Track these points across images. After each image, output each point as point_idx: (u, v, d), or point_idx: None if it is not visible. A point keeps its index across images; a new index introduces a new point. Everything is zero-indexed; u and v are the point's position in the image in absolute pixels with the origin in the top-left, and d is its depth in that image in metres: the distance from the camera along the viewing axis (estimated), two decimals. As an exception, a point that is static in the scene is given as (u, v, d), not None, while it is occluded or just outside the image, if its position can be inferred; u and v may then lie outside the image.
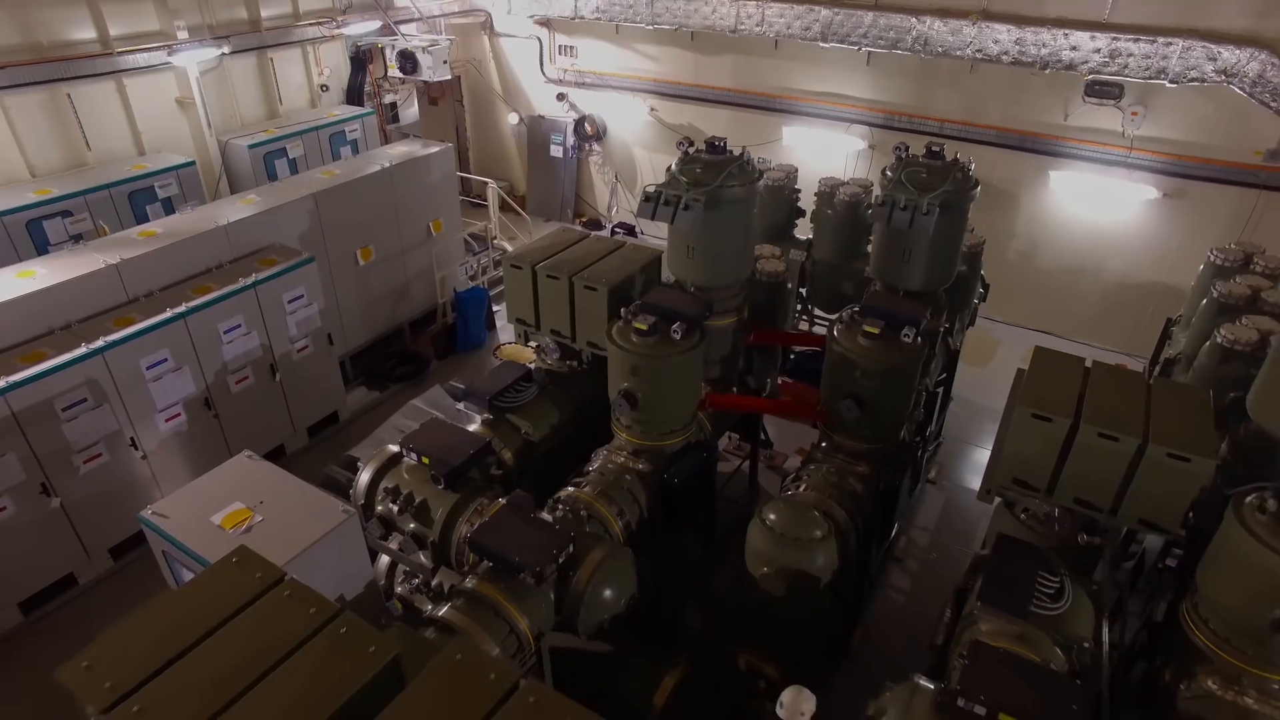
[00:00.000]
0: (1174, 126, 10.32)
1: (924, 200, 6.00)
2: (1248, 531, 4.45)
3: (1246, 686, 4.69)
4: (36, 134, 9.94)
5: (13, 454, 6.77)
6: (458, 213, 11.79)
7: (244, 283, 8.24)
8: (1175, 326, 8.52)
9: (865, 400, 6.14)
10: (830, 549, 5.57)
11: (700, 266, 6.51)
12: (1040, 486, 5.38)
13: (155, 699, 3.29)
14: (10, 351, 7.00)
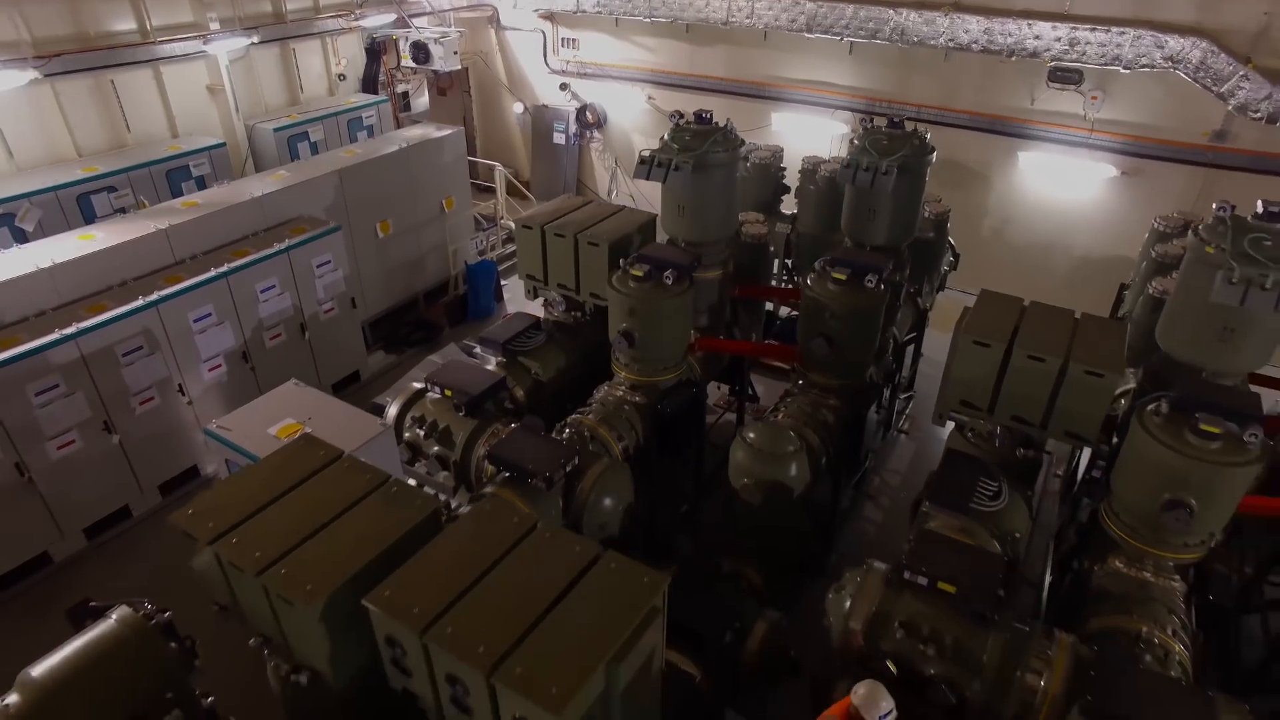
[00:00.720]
0: (1130, 109, 11.18)
1: (883, 162, 6.87)
2: (1146, 432, 5.30)
3: (1146, 564, 5.55)
4: (83, 117, 10.80)
5: (81, 393, 7.63)
6: (468, 191, 12.67)
7: (278, 247, 9.11)
8: (1128, 289, 9.39)
9: (834, 339, 7.00)
10: (802, 462, 6.43)
11: (689, 223, 7.37)
12: (983, 406, 6.24)
13: (248, 534, 4.16)
14: (76, 304, 7.86)
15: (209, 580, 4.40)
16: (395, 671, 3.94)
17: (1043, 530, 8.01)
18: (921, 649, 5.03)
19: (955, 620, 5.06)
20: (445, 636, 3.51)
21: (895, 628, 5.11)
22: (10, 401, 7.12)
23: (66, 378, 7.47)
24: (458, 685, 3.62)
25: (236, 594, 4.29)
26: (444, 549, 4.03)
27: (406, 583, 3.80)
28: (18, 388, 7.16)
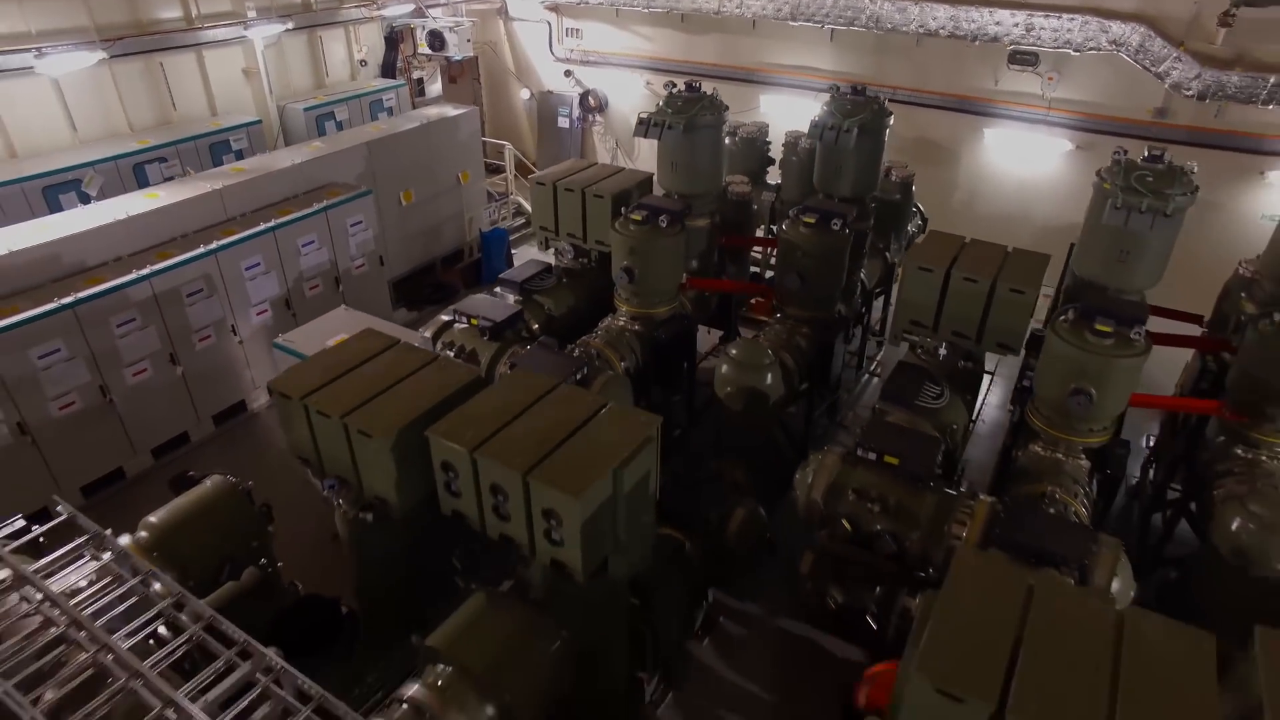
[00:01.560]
0: (1082, 89, 12.34)
1: (846, 122, 8.03)
2: (1056, 336, 6.44)
3: (1060, 448, 6.69)
4: (135, 96, 11.94)
5: (153, 327, 8.77)
6: (481, 165, 13.82)
7: (317, 207, 10.25)
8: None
9: (805, 275, 8.15)
10: (776, 373, 7.57)
11: (681, 177, 8.53)
12: (928, 325, 7.39)
13: (330, 393, 5.30)
14: (147, 251, 9.00)
15: (293, 434, 5.54)
16: (447, 496, 5.08)
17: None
18: (870, 509, 6.19)
19: (898, 486, 6.21)
20: (490, 452, 4.65)
21: (849, 494, 6.26)
22: (96, 331, 8.27)
23: (141, 313, 8.62)
24: (499, 494, 4.74)
25: (319, 443, 5.42)
26: (484, 401, 5.17)
27: (457, 422, 4.93)
28: (103, 319, 8.31)
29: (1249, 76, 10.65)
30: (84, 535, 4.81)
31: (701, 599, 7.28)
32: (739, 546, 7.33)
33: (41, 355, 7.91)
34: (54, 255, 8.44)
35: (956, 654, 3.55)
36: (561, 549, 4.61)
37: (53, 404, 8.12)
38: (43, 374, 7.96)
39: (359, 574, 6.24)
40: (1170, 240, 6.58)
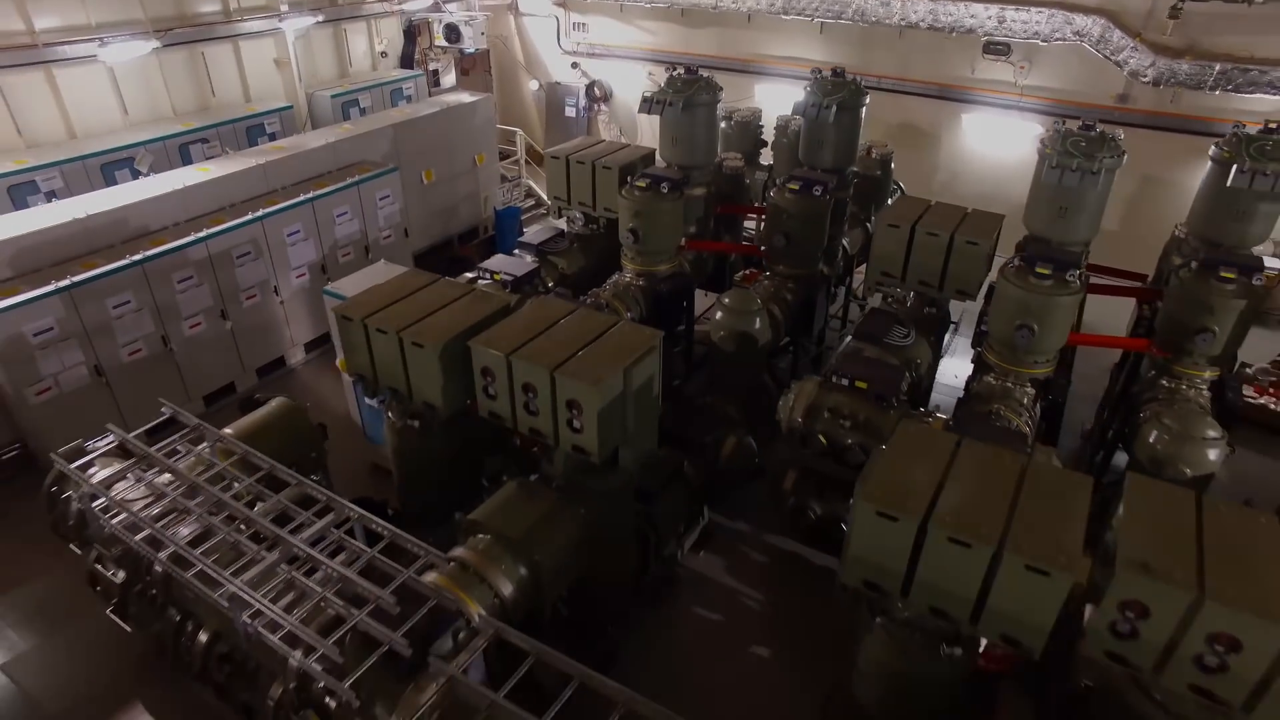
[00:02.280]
0: (1051, 77, 13.37)
1: (825, 100, 9.06)
2: (1005, 280, 7.46)
3: (1009, 378, 7.71)
4: (179, 82, 12.98)
5: (207, 285, 9.80)
6: (496, 149, 14.86)
7: (350, 181, 11.29)
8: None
9: (790, 235, 9.18)
10: (764, 319, 8.59)
11: (680, 150, 9.56)
12: (897, 275, 8.41)
13: (386, 315, 6.32)
14: (201, 218, 10.03)
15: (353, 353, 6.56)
16: (485, 399, 6.10)
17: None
18: (842, 425, 7.23)
19: (867, 405, 7.25)
20: (522, 355, 5.68)
21: (825, 413, 7.30)
22: (160, 286, 9.30)
23: (198, 271, 9.65)
24: (530, 392, 5.77)
25: (375, 358, 6.44)
26: (514, 321, 6.20)
27: (494, 334, 5.96)
28: (166, 275, 9.34)
29: (1197, 64, 11.69)
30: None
31: (698, 515, 8.33)
32: (730, 469, 8.39)
33: (115, 306, 8.95)
34: (123, 219, 9.47)
35: (892, 487, 4.59)
36: (581, 435, 5.64)
37: (124, 350, 9.15)
38: (116, 323, 9.00)
39: (402, 478, 7.27)
40: (1101, 197, 7.60)
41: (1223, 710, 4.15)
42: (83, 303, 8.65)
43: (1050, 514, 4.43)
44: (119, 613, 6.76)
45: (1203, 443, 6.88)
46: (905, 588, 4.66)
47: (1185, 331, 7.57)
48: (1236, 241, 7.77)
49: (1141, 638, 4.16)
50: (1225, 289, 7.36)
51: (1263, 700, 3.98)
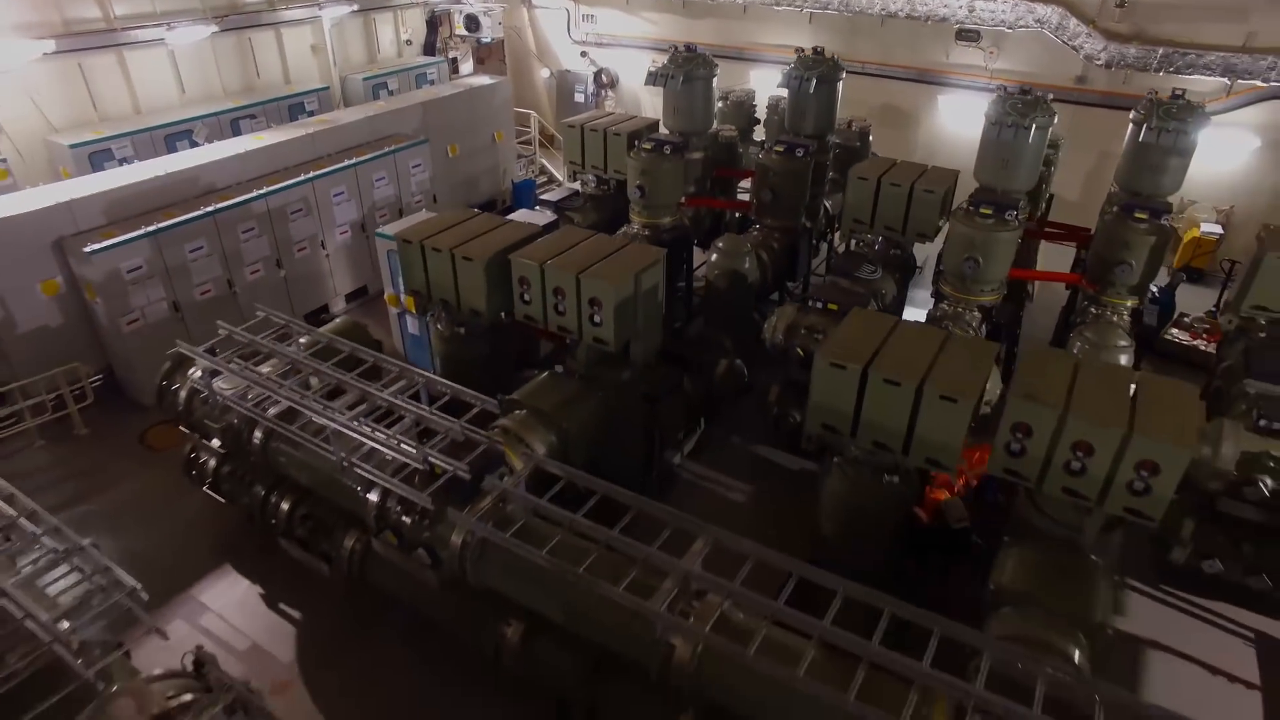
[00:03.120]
0: (1017, 61, 14.74)
1: (806, 74, 10.46)
2: (955, 220, 8.84)
3: (959, 305, 9.07)
4: (228, 64, 14.39)
5: (265, 236, 11.19)
6: (513, 127, 16.26)
7: (387, 149, 12.68)
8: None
9: (775, 191, 10.56)
10: (753, 261, 9.97)
11: (680, 119, 10.95)
12: (866, 222, 9.78)
13: (439, 237, 7.71)
14: (260, 178, 11.40)
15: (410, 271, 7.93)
16: (520, 304, 7.48)
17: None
18: (816, 340, 8.57)
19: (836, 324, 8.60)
20: (553, 264, 7.06)
21: (802, 330, 8.65)
22: (227, 236, 10.68)
23: (259, 224, 11.04)
24: (559, 294, 7.14)
25: (429, 274, 7.81)
26: (544, 242, 7.59)
27: (529, 250, 7.35)
28: (232, 227, 10.72)
29: (1144, 49, 13.06)
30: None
31: (696, 425, 9.71)
32: (723, 387, 9.75)
33: (191, 250, 10.33)
34: (195, 177, 10.86)
35: (843, 347, 5.97)
36: (600, 328, 7.02)
37: (196, 289, 10.53)
38: (191, 265, 10.38)
39: (449, 377, 8.63)
40: (1036, 150, 8.96)
41: (1086, 506, 5.53)
42: (166, 246, 10.03)
43: (961, 365, 5.81)
44: (215, 488, 8.16)
45: (1115, 349, 8.26)
46: (854, 429, 6.04)
47: (1108, 265, 8.95)
48: (1152, 190, 9.12)
49: (1028, 454, 5.54)
50: (1139, 228, 8.75)
51: (1109, 494, 5.36)
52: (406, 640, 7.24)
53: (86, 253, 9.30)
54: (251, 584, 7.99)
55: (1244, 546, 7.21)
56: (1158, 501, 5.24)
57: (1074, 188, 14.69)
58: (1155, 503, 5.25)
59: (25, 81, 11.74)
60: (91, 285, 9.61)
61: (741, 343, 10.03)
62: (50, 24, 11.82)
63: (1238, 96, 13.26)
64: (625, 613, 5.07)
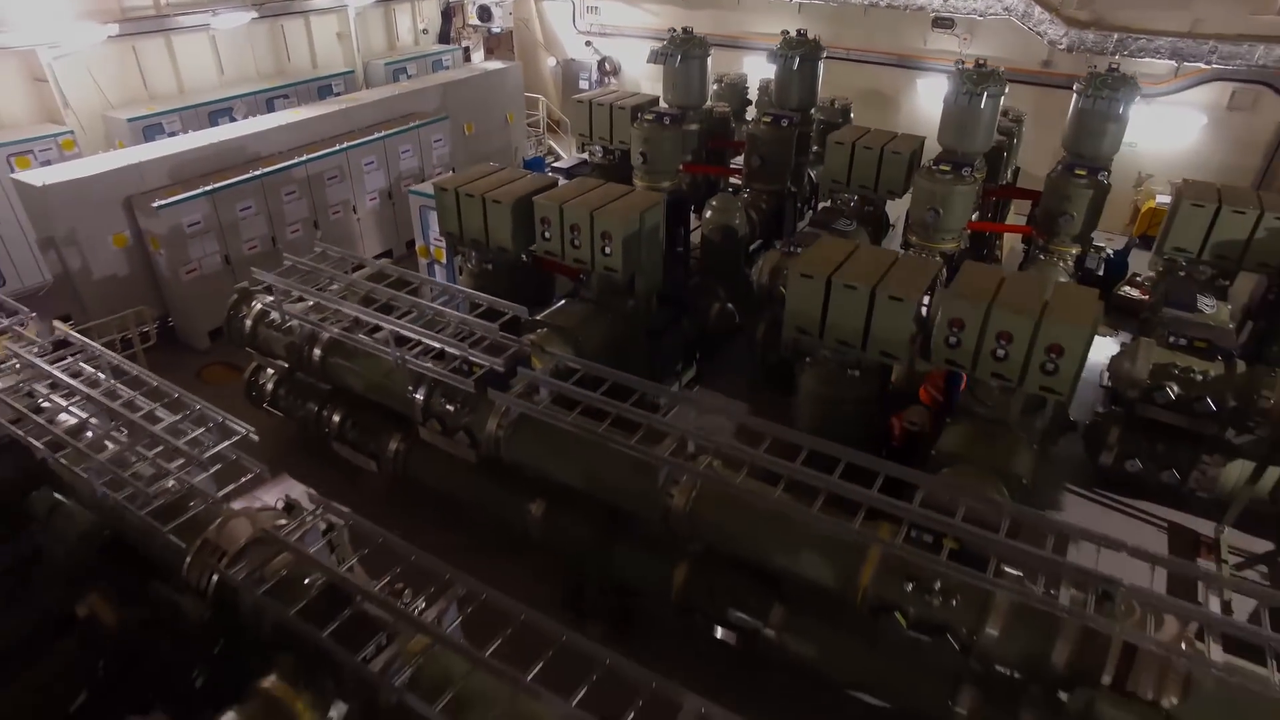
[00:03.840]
0: (988, 46, 15.99)
1: (789, 52, 11.73)
2: (919, 177, 10.10)
3: (924, 253, 10.32)
4: (262, 49, 15.66)
5: (305, 199, 12.43)
6: (523, 109, 17.52)
7: (412, 124, 13.94)
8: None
9: (764, 156, 11.82)
10: (743, 217, 11.22)
11: (678, 94, 12.21)
12: (843, 182, 11.02)
13: (474, 184, 8.95)
14: (300, 148, 12.64)
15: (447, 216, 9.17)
16: (542, 242, 8.72)
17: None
18: (796, 282, 9.82)
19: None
20: (570, 204, 8.31)
21: (784, 272, 9.89)
22: (273, 197, 11.93)
23: (299, 188, 12.29)
24: (574, 231, 8.38)
25: (463, 217, 9.05)
26: (561, 189, 8.83)
27: (549, 194, 8.59)
28: (276, 190, 11.97)
29: (1100, 34, 14.33)
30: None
31: (692, 359, 10.95)
32: (716, 327, 11.00)
33: (241, 209, 11.58)
34: (243, 146, 12.10)
35: (812, 263, 7.22)
36: (610, 258, 8.27)
37: (245, 244, 11.78)
38: (241, 223, 11.63)
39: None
40: (990, 116, 10.23)
41: (1009, 387, 6.78)
42: (220, 205, 11.27)
43: (908, 274, 7.07)
44: (273, 405, 9.39)
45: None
46: (821, 331, 7.29)
47: (1054, 217, 10.22)
48: (1092, 153, 10.38)
49: (962, 345, 6.79)
50: (1079, 184, 10.04)
51: (1027, 375, 6.61)
52: (440, 527, 8.46)
53: (155, 207, 10.54)
54: (306, 487, 9.21)
55: (1158, 446, 8.47)
56: (1064, 380, 6.49)
57: (1038, 163, 15.85)
58: (1063, 381, 6.50)
59: (87, 62, 12.98)
60: (156, 238, 10.86)
61: (733, 291, 11.28)
62: (111, 10, 13.07)
63: (1185, 79, 14.56)
64: (633, 469, 6.32)
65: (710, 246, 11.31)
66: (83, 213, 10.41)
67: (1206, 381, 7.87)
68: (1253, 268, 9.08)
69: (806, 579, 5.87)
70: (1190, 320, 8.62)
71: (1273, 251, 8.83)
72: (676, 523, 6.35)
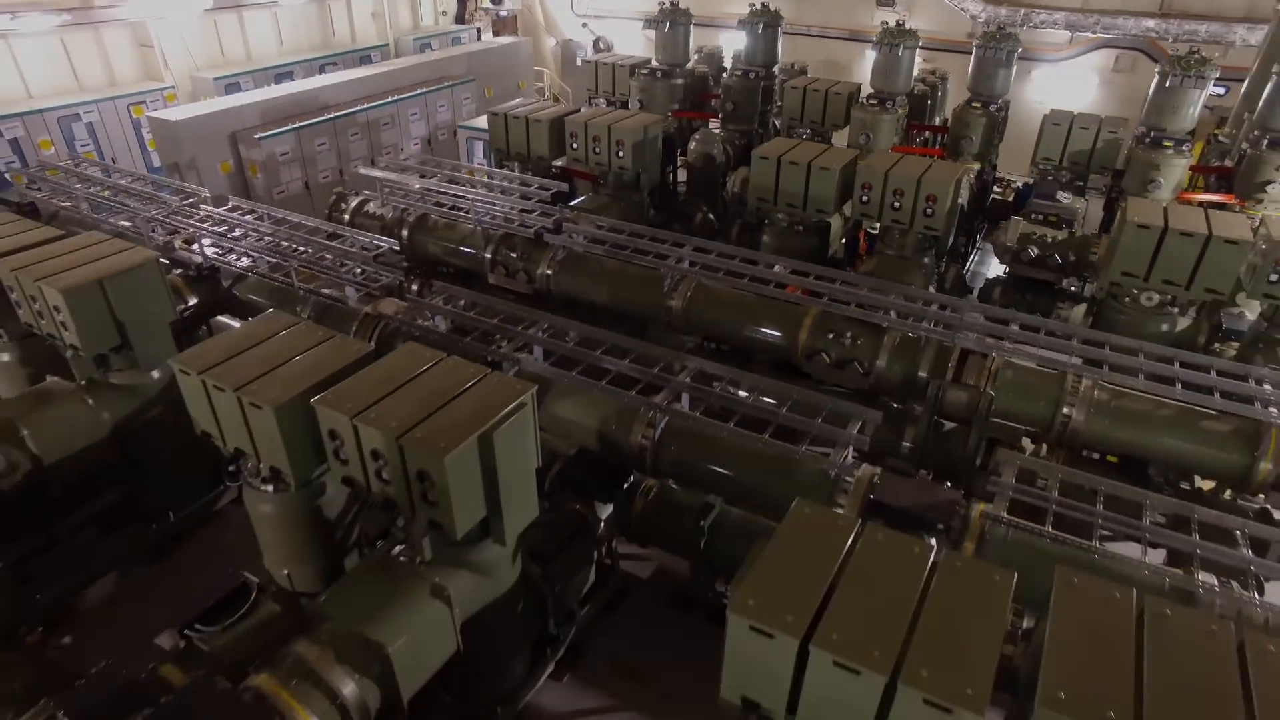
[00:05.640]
0: (924, 21, 19.15)
1: (755, 19, 14.79)
2: (854, 111, 13.16)
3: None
4: (310, 25, 18.48)
5: (365, 140, 15.29)
6: (533, 79, 20.47)
7: (447, 83, 16.85)
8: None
9: (736, 103, 14.85)
10: (720, 148, 14.22)
11: (666, 54, 15.21)
12: (799, 117, 14.05)
13: (519, 112, 11.90)
14: (360, 99, 15.50)
15: (495, 135, 12.10)
16: (570, 151, 11.65)
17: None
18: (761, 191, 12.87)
19: (775, 179, 12.90)
20: (595, 122, 11.25)
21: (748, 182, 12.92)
22: (341, 137, 14.79)
23: (361, 130, 15.15)
24: (596, 140, 11.33)
25: (510, 135, 11.96)
26: (585, 113, 11.79)
27: (579, 116, 11.52)
28: (343, 131, 14.83)
29: (1011, 9, 17.56)
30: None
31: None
32: (700, 232, 13.98)
33: (318, 144, 14.43)
34: (316, 96, 14.96)
35: (767, 151, 10.24)
36: (623, 160, 11.23)
37: (320, 174, 14.63)
38: (318, 155, 14.48)
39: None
40: (907, 63, 13.30)
41: (903, 228, 9.83)
42: (303, 140, 14.12)
43: (834, 155, 10.09)
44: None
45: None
46: (775, 199, 10.28)
47: (958, 140, 13.35)
48: (988, 91, 13.53)
49: (870, 202, 9.82)
50: (976, 113, 13.18)
51: (914, 220, 9.67)
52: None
53: (257, 139, 13.37)
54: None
55: (1027, 296, 11.56)
56: (939, 220, 9.53)
57: (967, 119, 19.12)
58: (938, 220, 9.53)
59: (181, 31, 15.76)
60: (255, 164, 13.69)
61: (713, 206, 14.29)
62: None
63: (1078, 47, 17.83)
64: (644, 283, 9.27)
65: (694, 171, 14.33)
66: (200, 144, 13.22)
67: (1055, 243, 10.97)
68: (1097, 170, 12.25)
69: (766, 343, 8.86)
70: (1049, 205, 11.75)
71: (1110, 157, 12.01)
72: (677, 319, 9.31)
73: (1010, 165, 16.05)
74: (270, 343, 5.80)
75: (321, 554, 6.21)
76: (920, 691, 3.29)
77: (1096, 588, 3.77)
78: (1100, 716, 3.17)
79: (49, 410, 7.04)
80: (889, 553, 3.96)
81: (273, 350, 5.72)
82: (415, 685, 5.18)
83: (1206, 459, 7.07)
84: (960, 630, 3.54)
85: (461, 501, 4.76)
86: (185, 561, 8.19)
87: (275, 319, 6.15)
